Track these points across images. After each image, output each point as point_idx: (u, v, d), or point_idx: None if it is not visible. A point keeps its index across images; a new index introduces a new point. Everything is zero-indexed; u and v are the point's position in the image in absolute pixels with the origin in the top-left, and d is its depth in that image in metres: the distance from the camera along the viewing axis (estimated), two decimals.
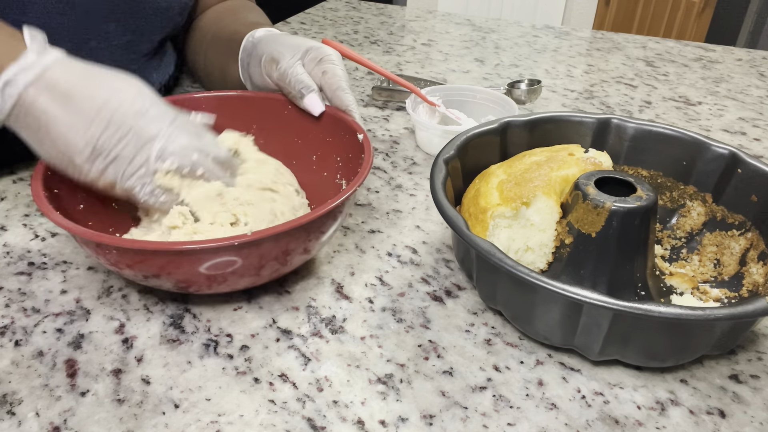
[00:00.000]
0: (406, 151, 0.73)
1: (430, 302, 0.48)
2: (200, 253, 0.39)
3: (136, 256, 0.40)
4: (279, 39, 0.60)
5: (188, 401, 0.39)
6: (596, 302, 0.36)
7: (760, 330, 0.47)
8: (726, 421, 0.39)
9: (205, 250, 0.39)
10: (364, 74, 0.97)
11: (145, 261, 0.40)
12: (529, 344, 0.44)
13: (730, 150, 0.51)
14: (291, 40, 0.59)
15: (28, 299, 0.46)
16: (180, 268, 0.41)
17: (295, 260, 0.45)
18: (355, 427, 0.38)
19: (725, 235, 0.51)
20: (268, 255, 0.42)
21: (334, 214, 0.45)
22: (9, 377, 0.40)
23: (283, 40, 0.59)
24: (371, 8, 1.37)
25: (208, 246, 0.39)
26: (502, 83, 0.94)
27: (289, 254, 0.44)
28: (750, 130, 0.84)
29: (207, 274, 0.41)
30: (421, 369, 0.42)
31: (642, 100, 0.92)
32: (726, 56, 1.15)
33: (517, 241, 0.48)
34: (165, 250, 0.39)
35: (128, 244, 0.40)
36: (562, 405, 0.40)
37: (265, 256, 0.42)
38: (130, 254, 0.40)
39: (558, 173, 0.48)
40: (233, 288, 0.45)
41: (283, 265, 0.45)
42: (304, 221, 0.41)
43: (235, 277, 0.43)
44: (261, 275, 0.44)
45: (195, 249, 0.39)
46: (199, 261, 0.40)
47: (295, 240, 0.43)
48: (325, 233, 0.46)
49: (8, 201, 0.58)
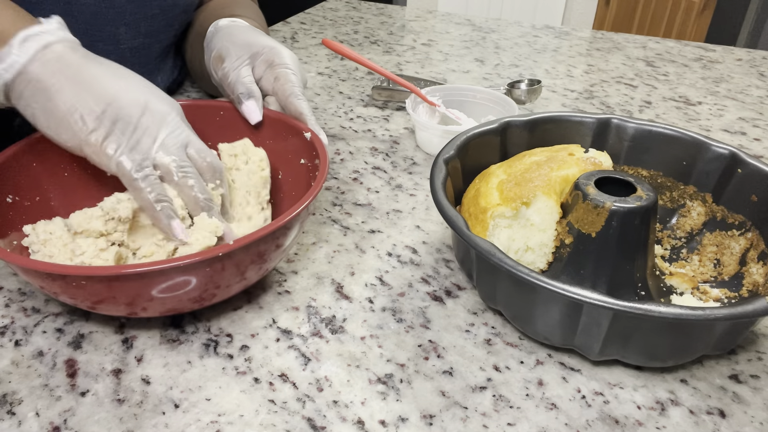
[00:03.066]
0: (406, 151, 0.73)
1: (430, 302, 0.48)
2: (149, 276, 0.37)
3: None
4: (233, 34, 0.57)
5: (188, 401, 0.39)
6: (596, 302, 0.36)
7: (760, 330, 0.47)
8: (726, 421, 0.39)
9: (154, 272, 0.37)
10: (364, 74, 0.97)
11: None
12: (529, 344, 0.44)
13: (730, 150, 0.51)
14: (245, 37, 0.56)
15: (28, 299, 0.46)
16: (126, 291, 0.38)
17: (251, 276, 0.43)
18: (355, 427, 0.38)
19: (725, 235, 0.51)
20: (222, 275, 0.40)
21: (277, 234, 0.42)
22: (9, 377, 0.40)
23: (236, 37, 0.56)
24: (371, 8, 1.37)
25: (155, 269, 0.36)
26: (502, 83, 0.94)
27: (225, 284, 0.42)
28: (750, 130, 0.84)
29: (158, 296, 0.39)
30: (421, 369, 0.42)
31: (642, 100, 0.92)
32: (726, 56, 1.15)
33: (517, 241, 0.48)
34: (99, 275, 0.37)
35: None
36: (562, 405, 0.40)
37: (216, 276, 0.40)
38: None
39: (558, 173, 0.48)
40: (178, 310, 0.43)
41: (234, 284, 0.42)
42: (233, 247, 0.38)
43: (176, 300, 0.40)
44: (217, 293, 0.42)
45: (142, 272, 0.36)
46: (150, 284, 0.38)
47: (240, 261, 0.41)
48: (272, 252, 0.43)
49: None
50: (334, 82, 0.93)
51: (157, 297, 0.39)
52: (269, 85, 0.55)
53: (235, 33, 0.57)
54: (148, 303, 0.39)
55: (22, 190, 0.47)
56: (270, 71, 0.54)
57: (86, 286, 0.37)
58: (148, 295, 0.39)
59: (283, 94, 0.54)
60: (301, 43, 1.10)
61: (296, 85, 0.54)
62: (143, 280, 0.37)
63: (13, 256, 0.37)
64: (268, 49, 0.55)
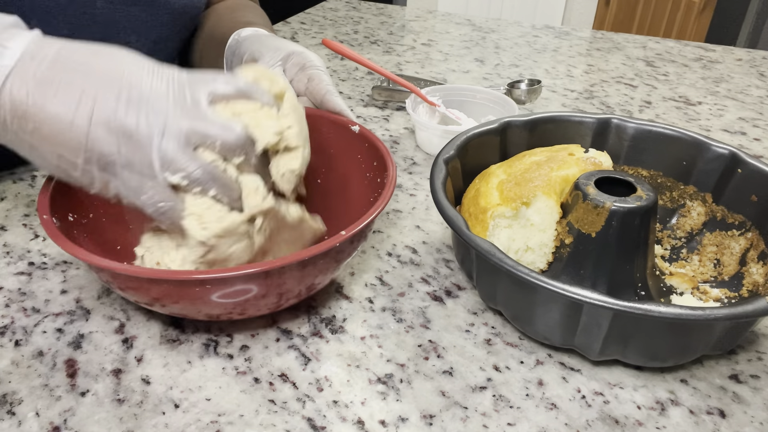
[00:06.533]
0: (406, 151, 0.73)
1: (430, 302, 0.48)
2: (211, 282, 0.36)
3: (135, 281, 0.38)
4: (263, 40, 0.58)
5: (188, 401, 0.39)
6: (596, 302, 0.36)
7: (760, 330, 0.47)
8: (726, 421, 0.39)
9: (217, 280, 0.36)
10: (364, 74, 0.97)
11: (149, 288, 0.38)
12: (529, 344, 0.44)
13: (730, 150, 0.51)
14: (274, 42, 0.57)
15: (28, 299, 0.46)
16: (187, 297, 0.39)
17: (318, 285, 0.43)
18: (355, 427, 0.38)
19: (725, 235, 0.51)
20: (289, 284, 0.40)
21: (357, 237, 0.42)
22: (9, 377, 0.40)
23: (266, 42, 0.58)
24: (371, 8, 1.37)
25: (221, 276, 0.36)
26: (502, 83, 0.94)
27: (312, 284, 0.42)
28: (750, 130, 0.84)
29: (220, 302, 0.39)
30: (421, 369, 0.42)
31: (642, 100, 0.92)
32: (726, 56, 1.15)
33: (517, 241, 0.48)
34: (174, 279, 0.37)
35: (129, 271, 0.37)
36: (562, 405, 0.40)
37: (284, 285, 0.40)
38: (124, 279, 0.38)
39: (558, 173, 0.48)
40: (253, 314, 0.43)
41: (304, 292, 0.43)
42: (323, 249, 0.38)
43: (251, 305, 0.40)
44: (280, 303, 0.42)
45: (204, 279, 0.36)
46: (210, 291, 0.37)
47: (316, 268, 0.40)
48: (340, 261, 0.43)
49: (8, 201, 0.58)
50: (334, 82, 0.93)
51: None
52: (302, 86, 0.56)
53: (265, 40, 0.59)
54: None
55: (78, 208, 0.45)
56: (302, 73, 0.56)
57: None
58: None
59: (318, 93, 0.55)
60: (301, 43, 1.10)
61: (330, 84, 0.55)
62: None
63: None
64: (298, 54, 0.56)
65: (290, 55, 0.56)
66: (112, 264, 0.37)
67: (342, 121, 0.54)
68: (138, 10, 0.63)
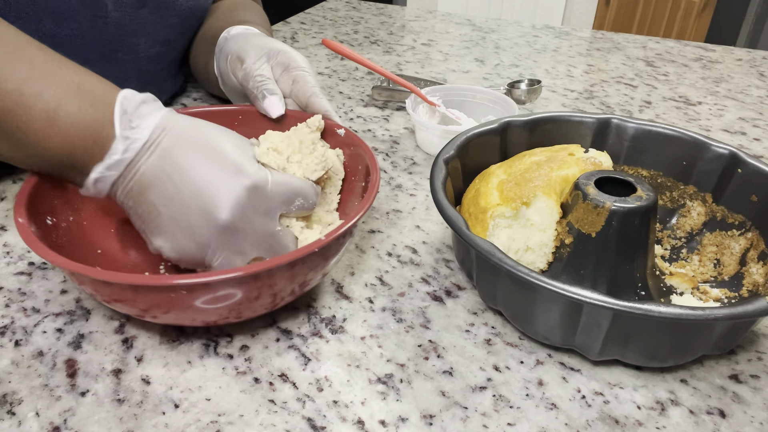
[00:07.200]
0: (406, 151, 0.73)
1: (430, 302, 0.48)
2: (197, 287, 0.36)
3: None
4: (249, 38, 0.58)
5: (188, 401, 0.39)
6: (596, 302, 0.36)
7: (760, 330, 0.47)
8: (726, 421, 0.39)
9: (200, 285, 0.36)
10: (364, 74, 0.97)
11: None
12: (529, 344, 0.44)
13: (730, 150, 0.51)
14: (260, 41, 0.57)
15: (28, 299, 0.46)
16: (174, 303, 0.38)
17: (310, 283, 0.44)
18: (355, 427, 0.38)
19: (725, 235, 0.51)
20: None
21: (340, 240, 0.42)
22: (9, 377, 0.40)
23: (251, 40, 0.57)
24: (371, 8, 1.37)
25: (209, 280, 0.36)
26: (502, 83, 0.94)
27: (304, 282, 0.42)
28: (750, 130, 0.84)
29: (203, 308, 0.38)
30: (421, 369, 0.42)
31: (642, 100, 0.92)
32: (726, 56, 1.15)
33: (517, 241, 0.48)
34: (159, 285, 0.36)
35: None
36: (562, 405, 0.40)
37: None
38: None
39: (558, 173, 0.48)
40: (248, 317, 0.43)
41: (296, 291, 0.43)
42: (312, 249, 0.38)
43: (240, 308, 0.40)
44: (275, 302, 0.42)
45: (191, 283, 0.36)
46: (194, 297, 0.37)
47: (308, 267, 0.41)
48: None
49: (8, 201, 0.58)
50: (334, 82, 0.93)
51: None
52: (286, 87, 0.55)
53: (249, 38, 0.58)
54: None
55: (58, 212, 0.45)
56: (286, 74, 0.55)
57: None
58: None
59: (303, 95, 0.54)
60: (301, 43, 1.10)
61: (316, 86, 0.54)
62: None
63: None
64: (282, 53, 0.55)
65: (275, 54, 0.55)
66: (92, 270, 0.36)
67: (328, 124, 0.53)
68: (147, 12, 0.63)
